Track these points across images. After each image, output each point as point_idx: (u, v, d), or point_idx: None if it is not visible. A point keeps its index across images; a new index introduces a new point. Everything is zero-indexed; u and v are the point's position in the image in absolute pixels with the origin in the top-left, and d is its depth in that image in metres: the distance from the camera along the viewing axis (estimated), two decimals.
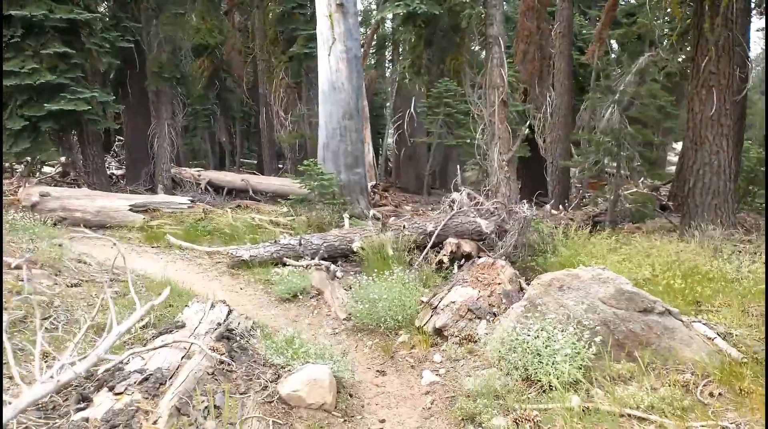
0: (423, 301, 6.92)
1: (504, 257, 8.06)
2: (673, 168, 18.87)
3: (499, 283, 6.73)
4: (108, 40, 14.82)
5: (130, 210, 13.37)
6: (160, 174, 17.16)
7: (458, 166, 23.50)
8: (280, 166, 22.63)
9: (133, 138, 17.64)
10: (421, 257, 8.78)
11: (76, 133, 15.14)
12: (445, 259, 8.37)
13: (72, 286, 7.10)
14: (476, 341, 5.98)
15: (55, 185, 17.09)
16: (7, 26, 13.69)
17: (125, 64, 16.44)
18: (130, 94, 16.77)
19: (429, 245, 8.94)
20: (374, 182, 17.41)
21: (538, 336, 5.08)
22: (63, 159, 17.42)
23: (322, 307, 7.45)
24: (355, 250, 8.87)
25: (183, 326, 5.16)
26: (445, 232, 9.16)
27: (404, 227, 9.28)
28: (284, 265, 9.20)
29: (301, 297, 7.72)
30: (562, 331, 5.10)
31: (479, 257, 8.52)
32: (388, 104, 26.91)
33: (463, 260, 8.51)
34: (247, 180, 18.25)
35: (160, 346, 4.53)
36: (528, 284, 6.88)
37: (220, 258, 10.29)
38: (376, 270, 7.81)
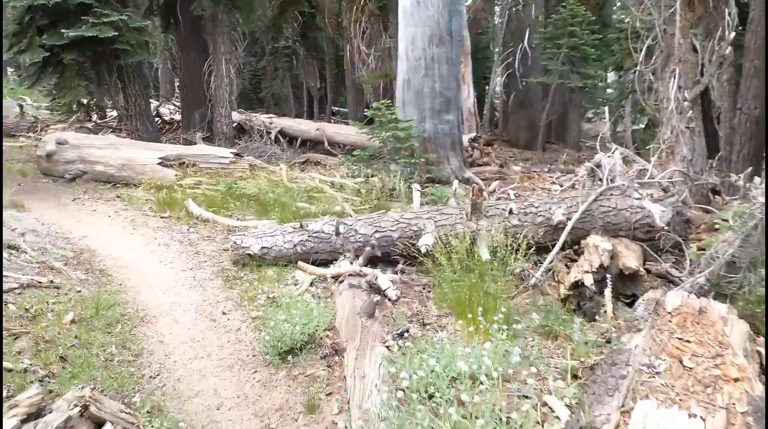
0: None
1: (705, 286, 3.93)
2: None
3: (737, 380, 2.72)
4: None
5: (160, 164, 10.20)
6: (218, 120, 13.92)
7: (580, 116, 18.74)
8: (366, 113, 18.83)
9: (187, 76, 14.48)
10: (542, 269, 4.80)
11: (113, 68, 11.99)
12: (587, 280, 4.36)
13: None
14: None
15: (97, 131, 14.32)
16: None
17: None
18: (181, 23, 13.48)
19: (557, 248, 4.90)
20: (474, 134, 13.26)
21: None
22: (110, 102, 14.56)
23: (332, 391, 3.65)
24: (423, 251, 5.02)
25: None
26: (585, 223, 5.09)
27: (511, 212, 5.27)
28: (314, 265, 5.53)
29: (302, 356, 3.99)
30: None
31: (647, 273, 4.42)
32: (494, 41, 22.19)
33: (620, 283, 4.45)
34: (323, 129, 14.71)
35: None
36: None
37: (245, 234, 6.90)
38: (457, 302, 4.01)
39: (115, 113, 15.19)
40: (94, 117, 16.21)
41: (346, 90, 19.38)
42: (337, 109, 23.72)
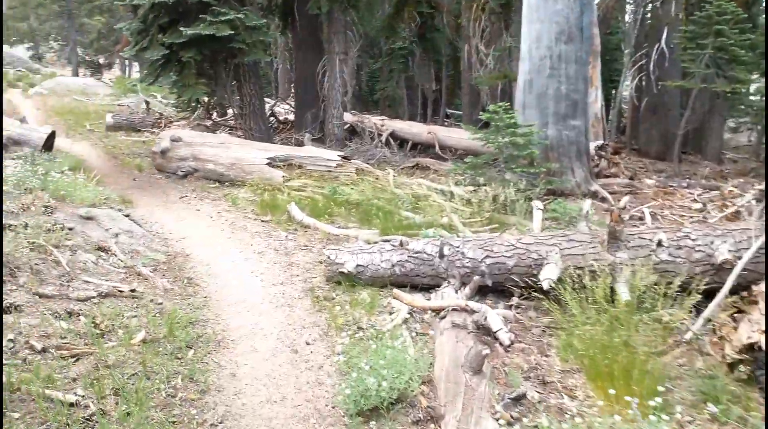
0: None
1: None
2: None
3: None
4: None
5: (268, 164, 9.90)
6: (329, 121, 13.56)
7: (722, 124, 16.63)
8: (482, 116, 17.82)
9: (301, 76, 14.26)
10: (700, 321, 3.74)
11: (229, 67, 11.92)
12: (764, 342, 3.27)
13: None
14: None
15: (215, 129, 14.43)
16: None
17: None
18: (297, 22, 13.23)
19: (721, 295, 3.81)
20: (601, 142, 11.95)
21: None
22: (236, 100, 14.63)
23: None
24: (545, 288, 4.11)
25: None
26: (759, 265, 3.95)
27: (660, 244, 4.22)
28: (414, 290, 4.79)
29: (388, 419, 3.14)
30: None
31: None
32: (624, 41, 20.33)
33: None
34: (435, 133, 13.97)
35: None
36: None
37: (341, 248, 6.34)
38: (590, 358, 3.09)
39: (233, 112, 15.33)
40: (214, 115, 16.48)
41: (462, 92, 18.50)
42: (451, 111, 22.85)
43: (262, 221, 7.69)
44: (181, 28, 10.49)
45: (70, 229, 5.43)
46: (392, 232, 6.96)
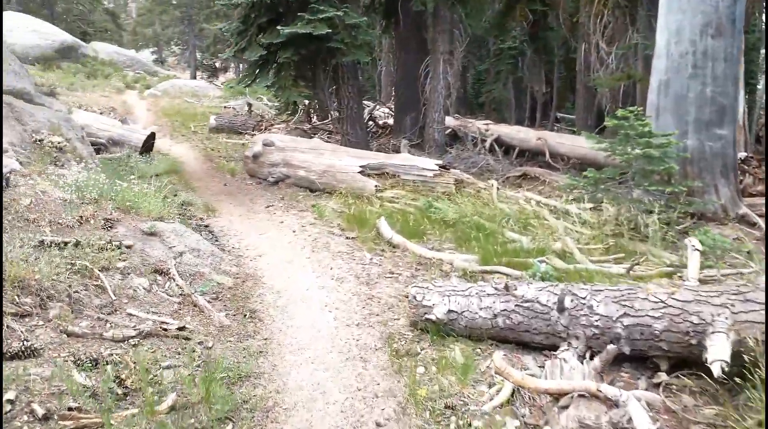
0: None
1: None
2: None
3: None
4: None
5: (360, 172, 9.03)
6: (430, 125, 12.54)
7: None
8: (607, 123, 15.97)
9: (403, 78, 13.31)
10: None
11: (327, 68, 11.20)
12: None
13: None
14: None
15: (313, 133, 13.82)
16: None
17: None
18: (401, 20, 12.30)
19: None
20: (744, 154, 10.07)
21: None
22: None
23: None
24: (716, 374, 2.85)
25: None
26: None
27: None
28: (520, 347, 3.65)
29: None
30: None
31: None
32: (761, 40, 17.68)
33: None
34: (545, 139, 12.58)
35: None
36: None
37: (436, 275, 5.30)
38: None
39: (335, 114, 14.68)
40: (314, 118, 15.95)
41: (576, 95, 16.81)
42: (561, 115, 21.06)
43: (347, 238, 6.79)
44: (279, 27, 9.87)
45: (128, 247, 4.76)
46: (494, 257, 5.81)
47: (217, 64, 37.79)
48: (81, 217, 4.91)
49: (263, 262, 5.78)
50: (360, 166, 9.20)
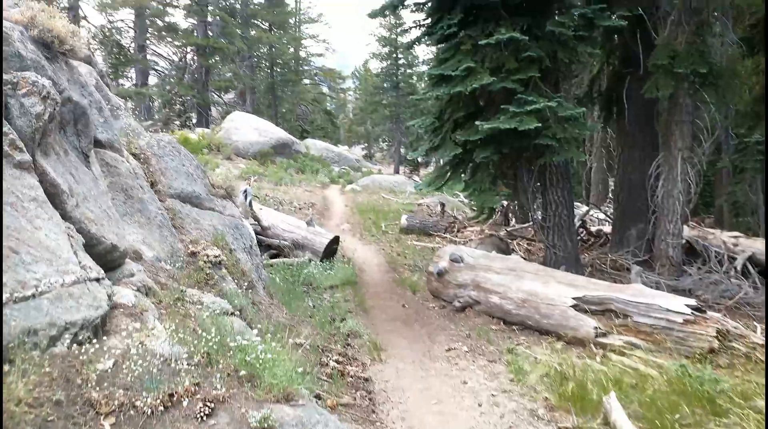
0: None
1: None
2: None
3: None
4: (587, 18, 8.36)
5: (573, 306, 6.63)
6: (661, 237, 9.67)
7: None
8: None
9: (626, 179, 10.64)
10: None
11: (533, 168, 9.15)
12: None
13: None
14: None
15: (511, 239, 11.66)
16: (447, 10, 8.94)
17: (619, 60, 9.72)
18: (625, 109, 9.87)
19: None
20: None
21: None
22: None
23: None
24: None
25: None
26: None
27: None
28: None
29: None
30: None
31: None
32: None
33: None
34: None
35: None
36: None
37: None
38: None
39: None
40: (513, 221, 13.82)
41: None
42: None
43: (560, 424, 4.39)
44: (478, 123, 8.13)
45: None
46: None
47: (419, 160, 37.96)
48: (171, 395, 3.26)
49: None
50: (573, 298, 6.76)
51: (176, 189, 6.77)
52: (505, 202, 13.00)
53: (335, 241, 10.43)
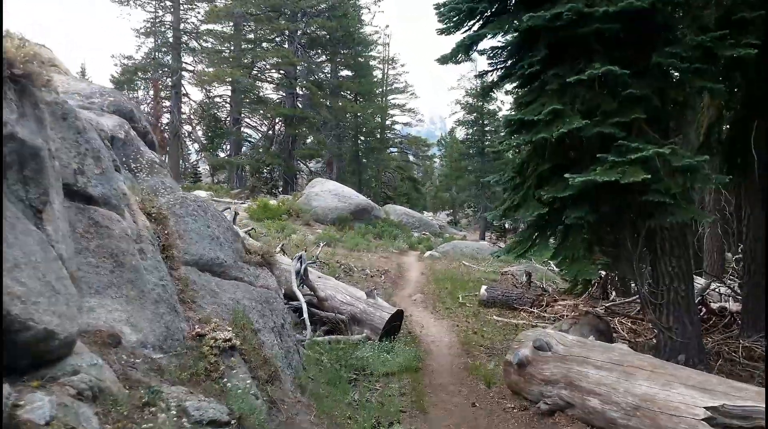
0: None
1: None
2: None
3: None
4: (705, 48, 6.60)
5: (707, 420, 4.64)
6: None
7: None
8: None
9: (756, 246, 8.37)
10: None
11: (639, 231, 7.27)
12: None
13: None
14: None
15: (611, 317, 9.59)
16: (527, 48, 7.51)
17: (741, 102, 7.84)
18: (755, 161, 7.82)
19: None
20: None
21: None
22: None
23: None
24: None
25: None
26: None
27: None
28: None
29: None
30: None
31: None
32: None
33: None
34: None
35: None
36: None
37: None
38: None
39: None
40: (612, 294, 11.65)
41: None
42: None
43: None
44: (567, 176, 6.47)
45: None
46: None
47: (506, 225, 35.91)
48: None
49: None
50: (706, 409, 4.75)
51: (194, 254, 5.56)
52: (603, 273, 10.92)
53: (398, 316, 8.86)
